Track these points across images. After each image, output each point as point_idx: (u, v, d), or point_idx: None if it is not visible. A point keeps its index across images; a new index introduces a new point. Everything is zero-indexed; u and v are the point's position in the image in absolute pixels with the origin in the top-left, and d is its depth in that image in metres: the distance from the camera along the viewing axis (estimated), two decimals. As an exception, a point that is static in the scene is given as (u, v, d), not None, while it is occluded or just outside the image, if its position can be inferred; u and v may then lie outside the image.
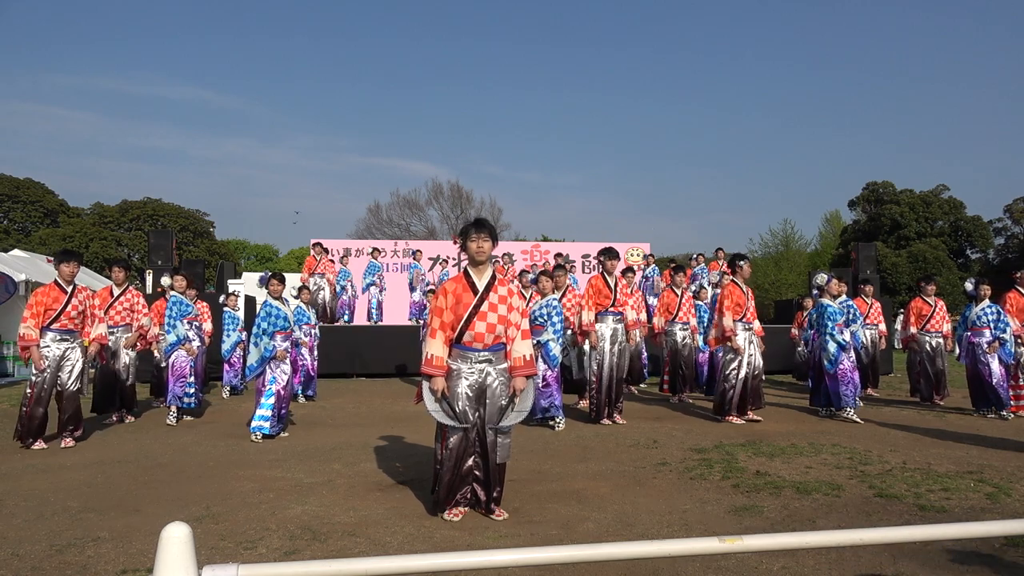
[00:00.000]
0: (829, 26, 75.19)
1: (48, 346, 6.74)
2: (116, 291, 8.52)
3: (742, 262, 8.34)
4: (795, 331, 12.55)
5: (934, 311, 10.16)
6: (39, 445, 6.62)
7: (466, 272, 4.55)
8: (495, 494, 4.45)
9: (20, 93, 69.68)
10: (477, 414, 4.40)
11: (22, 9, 67.58)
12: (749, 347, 8.18)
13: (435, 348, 4.36)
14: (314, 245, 14.31)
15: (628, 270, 10.49)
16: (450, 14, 75.67)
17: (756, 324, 8.32)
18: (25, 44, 71.40)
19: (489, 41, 77.41)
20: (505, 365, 4.46)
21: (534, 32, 77.45)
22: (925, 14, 72.14)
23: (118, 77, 74.33)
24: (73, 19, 74.72)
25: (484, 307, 4.40)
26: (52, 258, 8.38)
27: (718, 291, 10.50)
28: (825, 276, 8.72)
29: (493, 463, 4.41)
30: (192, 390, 8.64)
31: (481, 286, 4.46)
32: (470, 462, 4.43)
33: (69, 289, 6.88)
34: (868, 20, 72.80)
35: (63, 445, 6.69)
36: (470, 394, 4.38)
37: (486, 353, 4.41)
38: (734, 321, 8.10)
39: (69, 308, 6.84)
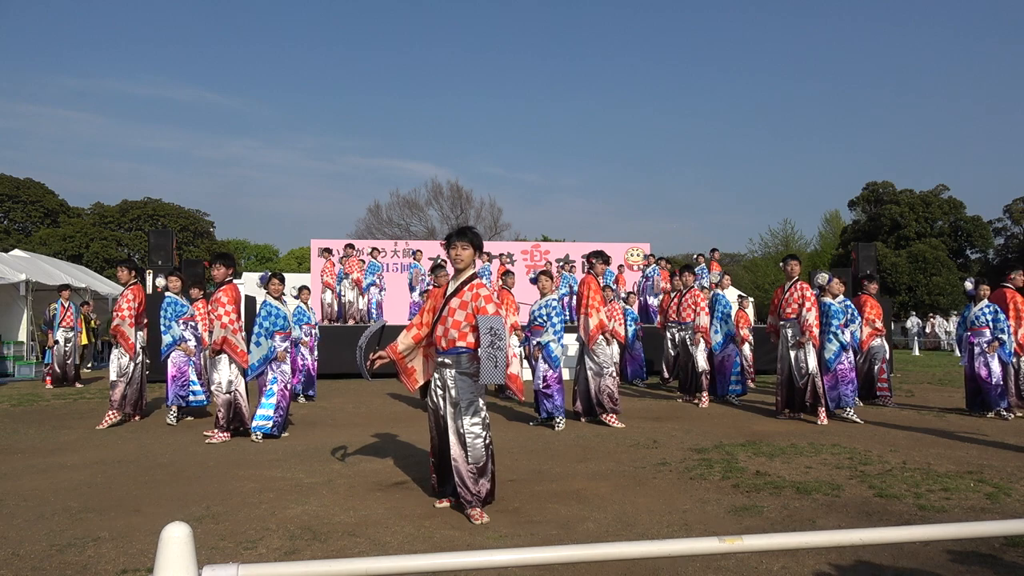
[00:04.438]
0: (829, 27, 75.23)
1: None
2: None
3: (780, 262, 8.85)
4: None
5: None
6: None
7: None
8: (460, 492, 4.42)
9: (26, 95, 69.89)
10: (442, 410, 4.59)
11: (28, 11, 67.72)
12: (784, 344, 8.32)
13: (400, 336, 4.79)
14: (347, 247, 14.96)
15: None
16: (451, 19, 75.74)
17: (789, 321, 8.31)
18: (30, 47, 71.60)
19: (490, 44, 77.48)
20: (465, 369, 4.49)
21: (535, 35, 77.54)
22: (925, 15, 72.21)
23: (123, 79, 74.46)
24: (78, 21, 74.89)
25: (445, 312, 4.57)
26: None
27: (717, 291, 10.51)
28: (826, 276, 8.72)
29: (451, 460, 4.46)
30: (198, 387, 8.64)
31: (449, 292, 4.62)
32: (438, 454, 4.73)
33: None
34: (868, 21, 72.85)
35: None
36: (439, 391, 4.59)
37: (443, 356, 4.55)
38: (777, 319, 8.53)
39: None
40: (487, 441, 4.51)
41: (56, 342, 12.94)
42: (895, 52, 74.41)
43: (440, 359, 4.57)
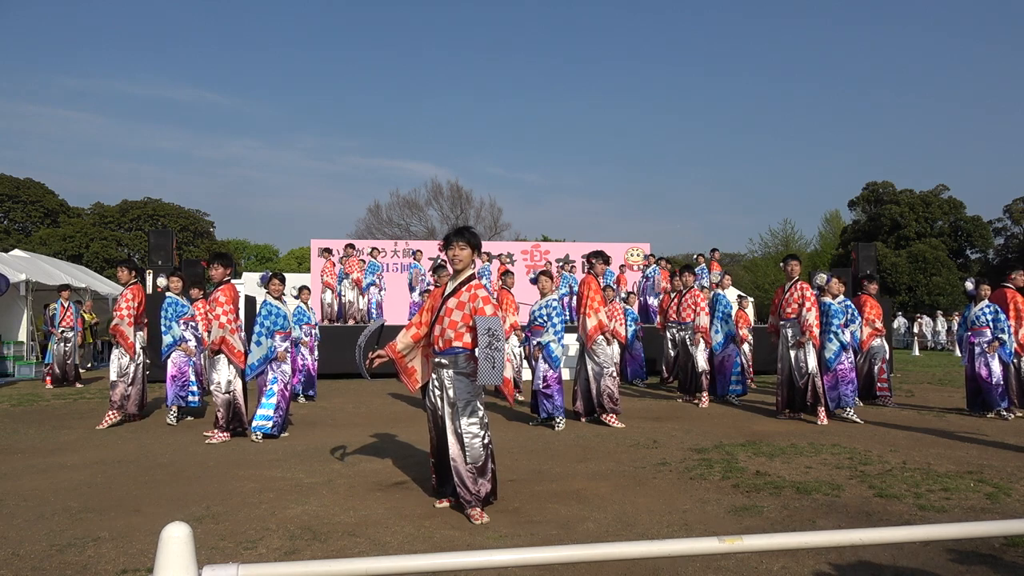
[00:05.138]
0: (829, 27, 75.22)
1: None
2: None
3: (780, 262, 8.93)
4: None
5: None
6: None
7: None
8: (459, 491, 4.43)
9: (26, 95, 69.93)
10: (440, 410, 4.59)
11: (28, 11, 67.76)
12: (784, 344, 8.33)
13: (399, 335, 4.79)
14: (347, 247, 14.93)
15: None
16: (451, 19, 75.73)
17: (789, 321, 8.31)
18: (30, 47, 71.63)
19: (490, 44, 77.47)
20: (463, 369, 4.49)
21: (534, 35, 77.52)
22: (924, 15, 72.21)
23: (123, 79, 74.49)
24: (78, 21, 74.92)
25: (442, 311, 4.57)
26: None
27: (717, 291, 10.51)
28: (825, 276, 8.72)
29: (450, 460, 4.47)
30: (195, 387, 8.65)
31: (447, 292, 4.63)
32: (437, 454, 4.74)
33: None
34: (868, 21, 72.82)
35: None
36: (437, 391, 4.58)
37: (440, 356, 4.55)
38: (778, 319, 8.52)
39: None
40: (486, 441, 4.51)
41: (62, 333, 12.98)
42: (895, 52, 74.47)
43: (437, 359, 4.57)
